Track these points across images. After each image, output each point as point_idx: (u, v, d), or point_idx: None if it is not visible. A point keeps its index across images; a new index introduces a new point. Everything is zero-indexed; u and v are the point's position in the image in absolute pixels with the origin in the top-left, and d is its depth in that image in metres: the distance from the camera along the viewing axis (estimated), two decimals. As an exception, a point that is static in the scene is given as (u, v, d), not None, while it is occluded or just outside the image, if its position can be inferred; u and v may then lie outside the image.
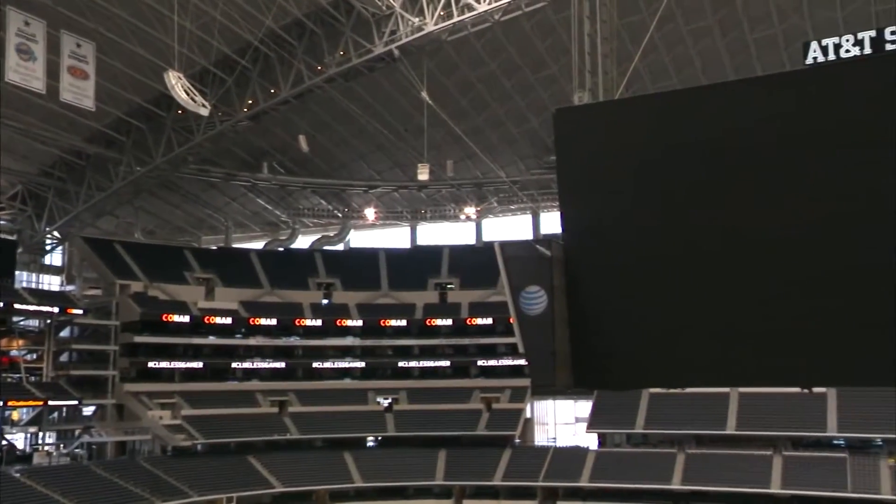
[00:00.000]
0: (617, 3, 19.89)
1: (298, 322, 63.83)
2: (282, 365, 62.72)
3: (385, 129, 56.70)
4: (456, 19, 40.30)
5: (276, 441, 57.67)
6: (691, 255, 14.02)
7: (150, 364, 57.78)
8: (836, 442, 50.70)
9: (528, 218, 70.58)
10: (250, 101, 49.08)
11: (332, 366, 63.96)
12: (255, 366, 61.91)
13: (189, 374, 59.57)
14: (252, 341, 61.95)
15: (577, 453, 56.41)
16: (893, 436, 48.35)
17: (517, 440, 59.31)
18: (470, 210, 67.43)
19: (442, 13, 40.60)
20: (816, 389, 45.84)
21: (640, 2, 38.81)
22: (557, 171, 16.15)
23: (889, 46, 14.33)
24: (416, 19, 41.20)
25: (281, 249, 72.29)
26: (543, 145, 56.86)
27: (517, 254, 15.58)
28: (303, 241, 74.08)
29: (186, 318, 59.85)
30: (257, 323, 62.50)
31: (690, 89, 18.80)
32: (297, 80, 46.86)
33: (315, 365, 63.57)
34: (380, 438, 60.85)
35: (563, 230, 15.26)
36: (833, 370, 13.81)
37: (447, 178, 61.90)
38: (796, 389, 35.97)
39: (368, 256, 70.80)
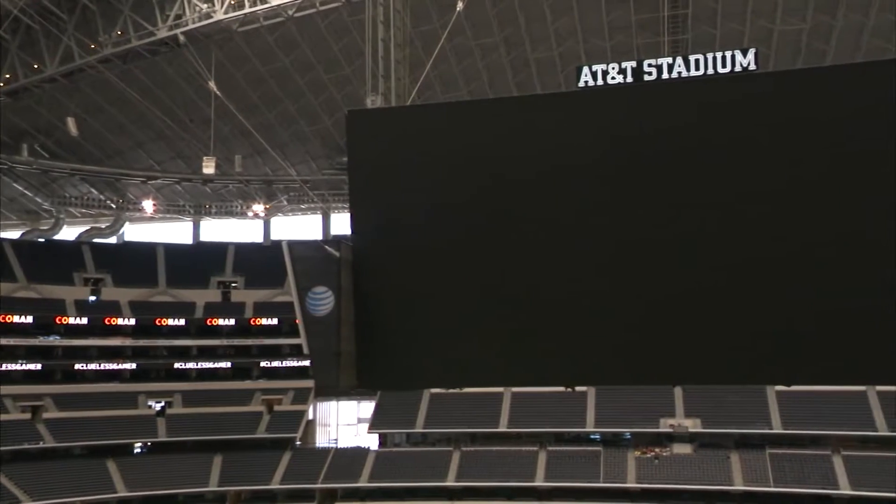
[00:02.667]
0: (410, 12, 20.38)
1: (60, 320, 58.56)
2: (37, 367, 57.10)
3: (167, 117, 53.46)
4: (247, 10, 39.00)
5: (27, 450, 52.35)
6: (476, 259, 14.67)
7: None
8: (592, 437, 55.25)
9: (318, 218, 69.88)
10: (8, 76, 44.19)
11: (98, 367, 59.20)
12: (3, 368, 55.77)
13: (-80, 379, 52.56)
14: (1, 341, 55.83)
15: (358, 454, 56.75)
16: (640, 430, 53.89)
17: (298, 442, 58.50)
18: (258, 207, 65.49)
19: (233, 2, 39.13)
20: (578, 388, 49.82)
21: (432, 12, 40.00)
22: (349, 172, 16.24)
23: (647, 77, 16.03)
24: (205, 5, 39.33)
25: (42, 240, 65.76)
26: (336, 145, 56.65)
27: (305, 254, 15.49)
28: (69, 233, 67.89)
29: (-83, 315, 52.95)
30: (9, 321, 56.48)
31: (479, 101, 19.75)
32: (67, 57, 42.88)
33: (77, 367, 58.54)
34: (149, 444, 57.25)
35: (352, 231, 15.38)
36: (599, 370, 15.13)
37: (235, 174, 59.71)
38: (562, 389, 38.83)
39: (145, 251, 66.53)
